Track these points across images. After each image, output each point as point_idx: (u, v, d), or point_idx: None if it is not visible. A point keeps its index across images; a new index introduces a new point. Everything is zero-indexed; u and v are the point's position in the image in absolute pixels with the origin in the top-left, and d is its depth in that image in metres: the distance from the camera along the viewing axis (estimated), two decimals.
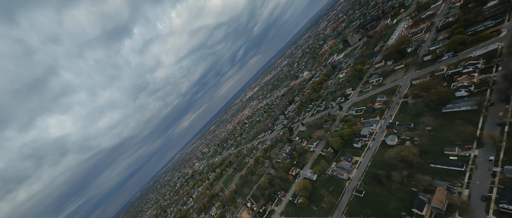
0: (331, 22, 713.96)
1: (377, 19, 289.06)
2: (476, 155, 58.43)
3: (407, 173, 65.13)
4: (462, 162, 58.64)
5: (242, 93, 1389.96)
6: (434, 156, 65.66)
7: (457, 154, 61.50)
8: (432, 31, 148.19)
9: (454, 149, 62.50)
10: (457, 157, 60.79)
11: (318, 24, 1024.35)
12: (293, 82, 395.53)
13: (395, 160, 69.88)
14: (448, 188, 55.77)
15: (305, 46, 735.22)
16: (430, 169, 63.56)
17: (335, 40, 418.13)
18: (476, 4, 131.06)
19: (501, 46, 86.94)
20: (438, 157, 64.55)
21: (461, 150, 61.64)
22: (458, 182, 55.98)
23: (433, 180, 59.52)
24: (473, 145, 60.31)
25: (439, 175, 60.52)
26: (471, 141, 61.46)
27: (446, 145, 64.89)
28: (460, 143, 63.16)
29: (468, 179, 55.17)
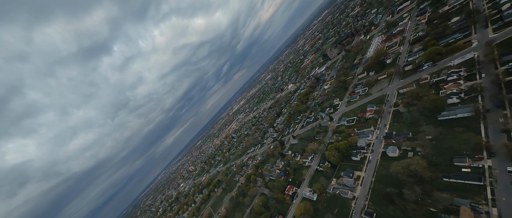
0: (308, 39, 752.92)
1: (351, 36, 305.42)
2: (490, 165, 54.01)
3: (420, 189, 58.33)
4: (478, 175, 53.46)
5: (228, 107, 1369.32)
6: (445, 168, 60.20)
7: (469, 165, 56.71)
8: (406, 44, 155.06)
9: (464, 159, 57.74)
10: (470, 169, 55.85)
11: (296, 42, 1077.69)
12: (279, 94, 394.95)
13: (402, 175, 63.17)
14: (472, 207, 49.38)
15: (287, 61, 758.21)
16: (444, 184, 57.53)
17: (315, 55, 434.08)
18: (440, 21, 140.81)
19: (476, 55, 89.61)
20: (449, 169, 59.16)
21: (472, 160, 57.04)
22: (480, 199, 50.06)
23: (453, 198, 53.06)
24: (484, 155, 56.17)
25: (456, 191, 54.40)
26: (480, 150, 57.49)
27: (455, 156, 60.15)
28: (468, 152, 58.89)
29: (491, 195, 49.59)
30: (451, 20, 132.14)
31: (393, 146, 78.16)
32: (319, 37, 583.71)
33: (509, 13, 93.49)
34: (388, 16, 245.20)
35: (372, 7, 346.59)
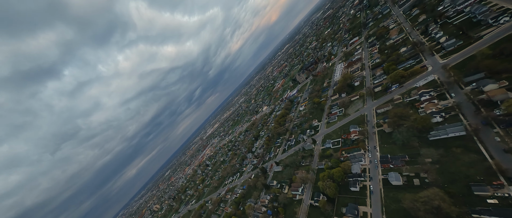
0: (276, 67, 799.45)
1: (315, 63, 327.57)
2: None
3: None
4: None
5: (201, 131, 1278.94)
6: (465, 199, 51.66)
7: (493, 195, 49.32)
8: (367, 69, 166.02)
9: (484, 188, 50.34)
10: (496, 199, 48.20)
11: (265, 69, 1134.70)
12: (255, 117, 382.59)
13: (422, 212, 51.76)
14: None
15: (259, 85, 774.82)
16: None
17: (285, 80, 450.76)
18: (391, 51, 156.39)
19: (437, 77, 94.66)
20: (472, 201, 50.62)
21: (492, 188, 50.00)
22: None
23: None
24: (502, 181, 49.96)
25: None
26: (493, 175, 51.52)
27: (472, 183, 52.73)
28: (482, 178, 52.39)
29: None
30: (400, 49, 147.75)
31: (394, 173, 68.91)
32: (285, 65, 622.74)
33: (448, 44, 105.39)
34: (343, 48, 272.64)
35: (327, 42, 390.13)
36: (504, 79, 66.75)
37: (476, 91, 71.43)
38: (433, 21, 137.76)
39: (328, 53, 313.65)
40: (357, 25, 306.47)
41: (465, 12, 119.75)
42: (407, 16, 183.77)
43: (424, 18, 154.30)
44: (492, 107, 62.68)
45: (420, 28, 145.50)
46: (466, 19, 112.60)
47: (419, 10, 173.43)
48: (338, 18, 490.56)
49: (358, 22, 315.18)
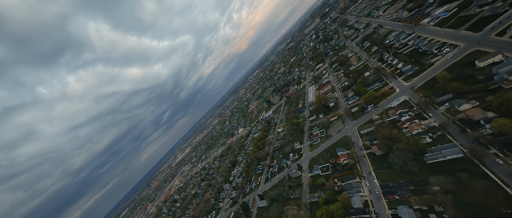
0: (248, 89, 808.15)
1: (286, 86, 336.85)
2: None
3: None
4: None
5: (170, 157, 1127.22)
6: None
7: None
8: (338, 91, 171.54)
9: None
10: None
11: (238, 91, 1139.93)
12: (230, 140, 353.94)
13: None
14: None
15: (233, 107, 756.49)
16: None
17: (259, 101, 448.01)
18: (356, 75, 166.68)
19: (408, 98, 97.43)
20: None
21: None
22: None
23: None
24: None
25: None
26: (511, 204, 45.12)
27: None
28: (507, 210, 45.24)
29: None
30: (364, 73, 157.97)
31: (404, 207, 58.26)
32: (258, 88, 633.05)
33: (406, 69, 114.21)
34: (311, 73, 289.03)
35: (294, 67, 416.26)
36: (473, 100, 68.51)
37: (453, 111, 71.62)
38: (385, 51, 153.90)
39: (297, 77, 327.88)
40: (318, 54, 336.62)
41: (409, 44, 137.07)
42: (361, 48, 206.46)
43: (376, 49, 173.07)
44: (476, 127, 61.44)
45: (376, 56, 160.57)
46: (413, 50, 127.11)
47: (370, 43, 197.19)
48: (300, 48, 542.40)
49: (319, 52, 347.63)
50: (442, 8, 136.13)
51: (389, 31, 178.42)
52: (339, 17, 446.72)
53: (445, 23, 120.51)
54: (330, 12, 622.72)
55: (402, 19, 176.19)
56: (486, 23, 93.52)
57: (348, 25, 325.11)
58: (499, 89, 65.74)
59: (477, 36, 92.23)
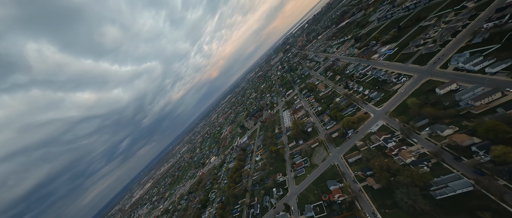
0: (220, 114, 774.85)
1: (260, 111, 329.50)
2: None
3: None
4: None
5: (125, 194, 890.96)
6: None
7: None
8: (313, 116, 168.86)
9: None
10: None
11: (210, 116, 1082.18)
12: (201, 171, 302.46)
13: None
14: None
15: (204, 132, 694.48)
16: None
17: (232, 126, 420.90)
18: (327, 100, 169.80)
19: (386, 123, 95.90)
20: None
21: None
22: None
23: None
24: None
25: None
26: None
27: None
28: None
29: None
30: (335, 99, 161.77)
31: None
32: (230, 112, 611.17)
33: (374, 96, 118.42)
34: (282, 98, 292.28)
35: (266, 93, 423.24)
36: (451, 125, 67.65)
37: (436, 136, 68.82)
38: (349, 79, 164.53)
39: (270, 102, 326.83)
40: (287, 82, 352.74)
41: (368, 74, 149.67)
42: (325, 76, 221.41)
43: (340, 78, 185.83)
44: (468, 154, 57.43)
45: (342, 84, 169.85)
46: (373, 79, 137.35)
47: (332, 72, 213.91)
48: (269, 77, 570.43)
49: (286, 80, 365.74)
50: (386, 47, 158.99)
51: (347, 63, 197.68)
52: (299, 52, 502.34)
53: (393, 58, 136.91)
54: (291, 48, 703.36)
55: (355, 55, 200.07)
56: (427, 59, 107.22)
57: (309, 59, 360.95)
58: (469, 114, 66.73)
59: (424, 68, 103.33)
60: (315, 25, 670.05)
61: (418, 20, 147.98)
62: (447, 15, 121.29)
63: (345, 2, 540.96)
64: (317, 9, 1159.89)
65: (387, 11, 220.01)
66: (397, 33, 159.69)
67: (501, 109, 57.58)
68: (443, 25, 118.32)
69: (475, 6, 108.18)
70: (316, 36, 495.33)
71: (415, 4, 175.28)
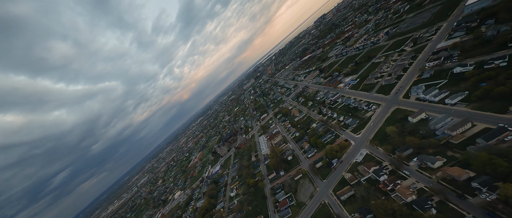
0: (191, 137, 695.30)
1: (234, 135, 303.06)
2: None
3: None
4: None
5: None
6: None
7: None
8: (291, 142, 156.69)
9: None
10: None
11: (178, 139, 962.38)
12: (160, 212, 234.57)
13: None
14: None
15: (169, 159, 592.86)
16: None
17: (202, 152, 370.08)
18: (303, 125, 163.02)
19: (369, 152, 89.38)
20: None
21: None
22: None
23: None
24: None
25: None
26: None
27: None
28: None
29: None
30: (311, 125, 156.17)
31: None
32: (202, 136, 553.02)
33: (350, 122, 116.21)
34: (257, 122, 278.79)
35: (239, 116, 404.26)
36: (438, 155, 63.60)
37: (429, 169, 62.67)
38: (322, 105, 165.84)
39: (244, 126, 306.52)
40: (260, 106, 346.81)
41: (338, 101, 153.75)
42: (297, 102, 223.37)
43: (312, 104, 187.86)
44: (469, 190, 50.82)
45: (315, 109, 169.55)
46: (344, 106, 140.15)
47: (304, 98, 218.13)
48: (242, 100, 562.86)
49: (260, 104, 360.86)
50: (349, 77, 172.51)
51: (316, 90, 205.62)
52: (270, 79, 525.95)
53: (357, 87, 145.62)
54: (262, 75, 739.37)
55: (322, 83, 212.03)
56: (389, 89, 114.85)
57: (280, 85, 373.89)
58: (449, 143, 64.77)
59: (389, 97, 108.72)
60: (282, 58, 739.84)
61: (370, 58, 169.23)
62: (393, 55, 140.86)
63: (305, 41, 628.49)
64: (281, 45, 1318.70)
65: (342, 50, 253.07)
66: (355, 67, 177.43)
67: (482, 140, 55.96)
68: (392, 63, 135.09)
69: (412, 50, 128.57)
70: (284, 66, 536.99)
71: (363, 46, 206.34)
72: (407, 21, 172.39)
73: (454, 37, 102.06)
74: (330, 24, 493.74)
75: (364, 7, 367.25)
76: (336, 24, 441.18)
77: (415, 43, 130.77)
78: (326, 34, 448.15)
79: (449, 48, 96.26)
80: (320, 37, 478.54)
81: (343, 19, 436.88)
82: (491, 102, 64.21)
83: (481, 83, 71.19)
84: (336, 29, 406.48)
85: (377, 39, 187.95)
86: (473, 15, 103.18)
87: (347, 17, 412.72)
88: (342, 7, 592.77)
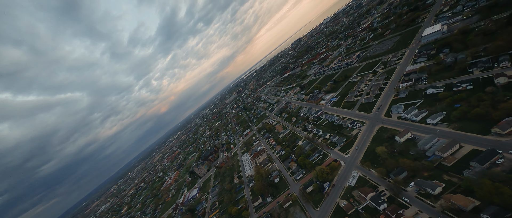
0: (166, 154, 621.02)
1: (215, 152, 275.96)
2: None
3: None
4: None
5: None
6: None
7: None
8: (277, 161, 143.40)
9: None
10: None
11: (152, 156, 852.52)
12: None
13: None
14: None
15: (140, 180, 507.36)
16: None
17: (179, 172, 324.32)
18: (289, 143, 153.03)
19: (362, 174, 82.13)
20: None
21: None
22: None
23: None
24: None
25: None
26: None
27: None
28: None
29: None
30: (297, 142, 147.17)
31: None
32: (179, 152, 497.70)
33: (337, 140, 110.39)
34: (239, 138, 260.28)
35: (221, 131, 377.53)
36: (435, 179, 58.64)
37: (428, 195, 56.42)
38: (306, 122, 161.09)
39: (226, 142, 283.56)
40: (243, 120, 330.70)
41: (322, 118, 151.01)
42: (281, 118, 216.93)
43: (296, 120, 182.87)
44: None
45: (300, 126, 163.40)
46: (329, 123, 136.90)
47: (287, 114, 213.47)
48: (224, 114, 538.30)
49: (243, 118, 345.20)
50: (329, 95, 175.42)
51: (299, 107, 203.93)
52: (252, 94, 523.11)
53: (339, 105, 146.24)
54: (244, 90, 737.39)
55: (304, 100, 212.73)
56: (369, 107, 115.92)
57: (262, 100, 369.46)
58: (442, 166, 61.20)
59: (371, 115, 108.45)
60: (263, 74, 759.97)
61: (347, 77, 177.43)
62: (367, 75, 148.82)
63: (284, 60, 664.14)
64: (262, 63, 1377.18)
65: (319, 69, 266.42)
66: (334, 85, 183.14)
67: (476, 163, 52.71)
68: (368, 82, 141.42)
69: (384, 71, 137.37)
70: (265, 82, 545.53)
71: (339, 66, 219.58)
72: (374, 47, 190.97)
73: (419, 62, 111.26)
74: (306, 46, 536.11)
75: (334, 34, 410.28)
76: (311, 47, 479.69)
77: (385, 66, 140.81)
78: (303, 55, 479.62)
79: (417, 71, 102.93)
80: (297, 57, 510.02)
81: (317, 42, 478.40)
82: (470, 123, 64.61)
83: (455, 104, 73.11)
84: (311, 51, 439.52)
85: (350, 60, 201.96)
86: (430, 45, 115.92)
87: (321, 41, 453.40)
88: (315, 33, 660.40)
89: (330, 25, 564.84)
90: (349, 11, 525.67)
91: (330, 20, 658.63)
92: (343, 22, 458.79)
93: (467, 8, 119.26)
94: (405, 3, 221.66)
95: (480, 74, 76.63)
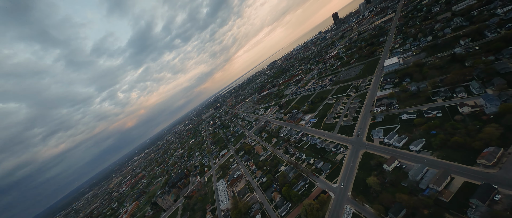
0: (127, 177, 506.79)
1: (185, 177, 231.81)
2: None
3: None
4: None
5: None
6: None
7: None
8: (257, 190, 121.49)
9: None
10: None
11: (109, 179, 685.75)
12: None
13: None
14: None
15: (87, 213, 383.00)
16: None
17: (138, 203, 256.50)
18: (271, 167, 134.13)
19: (356, 210, 69.63)
20: None
21: None
22: None
23: None
24: None
25: None
26: None
27: None
28: None
29: None
30: (279, 167, 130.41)
31: None
32: (143, 175, 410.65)
33: (322, 167, 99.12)
34: (215, 159, 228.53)
35: (195, 151, 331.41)
36: None
37: None
38: (287, 144, 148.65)
39: (199, 164, 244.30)
40: (219, 139, 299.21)
41: (304, 140, 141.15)
42: (260, 138, 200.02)
43: (276, 140, 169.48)
44: None
45: (281, 148, 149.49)
46: (311, 145, 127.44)
47: (267, 134, 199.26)
48: (199, 131, 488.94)
49: (219, 136, 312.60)
50: (308, 115, 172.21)
51: (279, 126, 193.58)
52: (230, 111, 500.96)
53: (318, 126, 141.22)
54: (222, 106, 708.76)
55: (283, 119, 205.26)
56: (349, 130, 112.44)
57: (241, 118, 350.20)
58: (440, 202, 54.00)
59: (353, 139, 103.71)
60: (241, 91, 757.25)
61: (323, 99, 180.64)
62: (342, 98, 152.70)
63: (262, 79, 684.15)
64: (241, 81, 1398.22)
65: (296, 89, 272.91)
66: (312, 106, 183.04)
67: (477, 201, 46.42)
68: (343, 105, 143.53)
69: (356, 95, 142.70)
70: (244, 99, 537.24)
71: (314, 88, 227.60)
72: (343, 73, 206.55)
73: (387, 89, 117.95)
74: (282, 68, 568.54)
75: (306, 59, 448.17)
76: (286, 69, 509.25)
77: (357, 90, 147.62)
78: (279, 75, 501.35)
79: (388, 96, 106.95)
80: (274, 77, 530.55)
81: (291, 65, 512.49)
82: (452, 152, 62.25)
83: (431, 131, 72.33)
84: (287, 73, 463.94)
85: (324, 83, 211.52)
86: (393, 74, 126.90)
87: (295, 65, 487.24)
88: (289, 57, 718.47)
89: (302, 52, 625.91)
90: (317, 42, 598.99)
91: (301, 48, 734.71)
92: (312, 50, 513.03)
93: (414, 47, 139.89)
94: (363, 39, 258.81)
95: (444, 102, 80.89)
